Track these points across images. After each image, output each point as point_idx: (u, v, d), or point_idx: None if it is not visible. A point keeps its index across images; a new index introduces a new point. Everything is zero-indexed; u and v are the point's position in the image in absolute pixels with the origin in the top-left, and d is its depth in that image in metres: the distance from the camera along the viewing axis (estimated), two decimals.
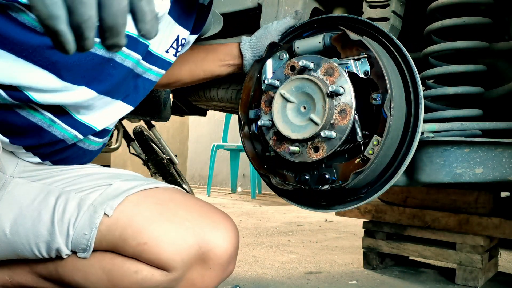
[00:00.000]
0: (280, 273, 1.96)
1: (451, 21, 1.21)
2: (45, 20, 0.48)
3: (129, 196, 0.95)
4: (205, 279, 0.96)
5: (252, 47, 1.17)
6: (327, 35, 1.01)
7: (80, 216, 0.92)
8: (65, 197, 0.94)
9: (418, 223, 1.93)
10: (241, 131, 1.13)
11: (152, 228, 0.92)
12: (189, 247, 0.92)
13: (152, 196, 0.97)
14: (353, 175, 0.94)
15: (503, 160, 1.10)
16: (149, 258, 0.92)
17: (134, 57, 0.98)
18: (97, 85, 0.94)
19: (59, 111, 0.94)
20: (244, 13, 1.45)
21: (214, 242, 0.94)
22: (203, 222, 0.95)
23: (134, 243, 0.91)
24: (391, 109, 0.91)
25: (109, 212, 0.92)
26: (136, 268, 0.93)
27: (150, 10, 0.52)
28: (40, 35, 0.83)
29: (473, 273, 1.79)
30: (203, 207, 1.00)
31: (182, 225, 0.93)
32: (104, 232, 0.92)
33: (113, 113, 1.03)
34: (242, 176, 6.46)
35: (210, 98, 1.70)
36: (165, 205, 0.96)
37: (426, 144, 1.12)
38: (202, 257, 0.94)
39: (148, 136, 4.30)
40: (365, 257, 2.06)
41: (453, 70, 1.22)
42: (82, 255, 0.95)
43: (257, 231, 3.04)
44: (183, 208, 0.97)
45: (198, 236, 0.93)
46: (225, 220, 0.99)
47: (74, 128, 0.97)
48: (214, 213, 1.00)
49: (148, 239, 0.91)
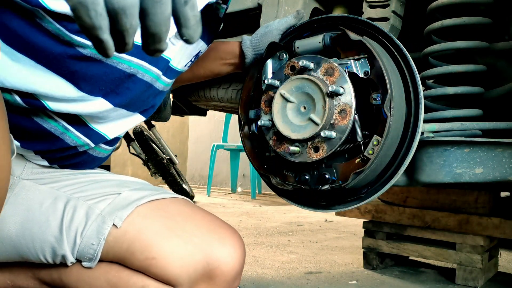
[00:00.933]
0: (280, 273, 1.96)
1: (451, 21, 1.21)
2: (89, 30, 0.48)
3: (138, 207, 0.94)
4: None
5: (253, 46, 1.16)
6: (327, 35, 1.01)
7: (88, 225, 0.91)
8: (73, 204, 0.93)
9: (418, 223, 1.93)
10: (241, 131, 1.13)
11: (161, 243, 0.91)
12: (196, 264, 0.91)
13: (161, 209, 0.96)
14: (353, 175, 0.94)
15: (503, 160, 1.10)
16: (156, 273, 0.91)
17: (155, 73, 0.97)
18: (113, 97, 0.93)
19: (74, 120, 0.94)
20: (244, 13, 1.45)
21: (221, 259, 0.93)
22: (211, 238, 0.95)
23: (142, 257, 0.90)
24: (391, 109, 0.91)
25: (118, 223, 0.91)
26: (143, 283, 0.92)
27: (194, 15, 0.52)
28: (62, 44, 0.82)
29: (473, 273, 1.79)
30: (211, 222, 0.99)
31: (190, 241, 0.92)
32: (111, 244, 0.91)
33: (128, 123, 1.03)
34: (242, 176, 6.46)
35: (210, 98, 1.70)
36: (173, 219, 0.95)
37: (426, 144, 1.12)
38: (209, 274, 0.93)
39: (148, 136, 4.30)
40: (365, 257, 2.06)
41: (453, 70, 1.22)
42: (87, 264, 0.94)
43: (257, 231, 3.04)
44: (191, 223, 0.96)
45: (205, 252, 0.92)
46: (232, 236, 0.98)
47: (86, 137, 0.97)
48: (221, 228, 0.99)
49: (157, 254, 0.90)
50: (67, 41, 0.82)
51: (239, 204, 4.76)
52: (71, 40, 0.82)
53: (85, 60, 0.85)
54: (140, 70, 0.93)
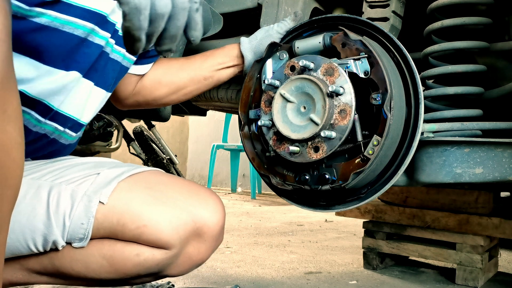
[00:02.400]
0: (280, 273, 1.96)
1: (451, 21, 1.21)
2: (133, 31, 0.58)
3: (120, 182, 0.98)
4: (201, 251, 1.04)
5: (253, 49, 1.17)
6: (327, 35, 1.01)
7: (75, 206, 0.94)
8: (57, 189, 0.95)
9: (418, 223, 1.93)
10: (241, 131, 1.13)
11: (149, 210, 0.96)
12: (184, 225, 0.98)
13: (142, 181, 1.01)
14: (353, 175, 0.94)
15: (503, 160, 1.10)
16: (148, 239, 0.96)
17: (105, 35, 1.01)
18: (75, 66, 0.98)
19: (41, 107, 0.97)
20: (244, 13, 1.44)
21: (206, 217, 1.02)
22: (193, 200, 1.02)
23: (134, 226, 0.95)
24: (391, 109, 0.91)
25: (104, 200, 0.95)
26: (137, 251, 0.97)
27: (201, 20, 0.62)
28: (21, 20, 0.85)
29: (473, 273, 1.79)
30: (190, 187, 1.06)
31: (176, 205, 0.99)
32: (101, 220, 0.95)
33: (94, 101, 1.06)
34: (242, 176, 6.46)
35: (210, 98, 1.70)
36: (156, 188, 1.01)
37: (426, 144, 1.12)
38: (197, 232, 1.01)
39: (148, 136, 4.30)
40: (365, 257, 2.06)
41: (453, 70, 1.22)
42: (79, 244, 0.96)
43: (257, 231, 3.04)
44: (173, 190, 1.03)
45: (191, 213, 1.00)
46: (211, 196, 1.06)
47: (54, 121, 1.00)
48: (201, 191, 1.06)
49: (147, 221, 0.95)
50: (25, 15, 0.86)
51: (239, 204, 4.76)
52: (30, 13, 0.86)
53: (44, 30, 0.89)
54: (91, 34, 0.98)
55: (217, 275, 1.89)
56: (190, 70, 1.23)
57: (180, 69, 1.24)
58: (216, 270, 1.98)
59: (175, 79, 1.23)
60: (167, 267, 1.01)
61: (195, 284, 1.75)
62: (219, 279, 1.84)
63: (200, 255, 1.04)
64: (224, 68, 1.22)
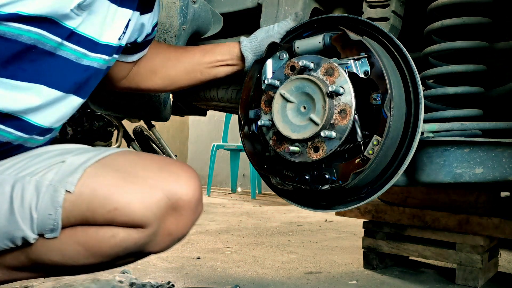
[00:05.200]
0: (280, 273, 1.96)
1: (451, 21, 1.21)
2: None
3: (87, 168, 0.95)
4: (180, 225, 1.02)
5: (253, 49, 1.17)
6: (327, 35, 1.01)
7: (40, 198, 0.92)
8: (20, 183, 0.94)
9: (418, 223, 1.93)
10: (241, 131, 1.13)
11: (118, 193, 0.94)
12: (157, 202, 0.96)
13: (109, 164, 0.99)
14: (353, 175, 0.94)
15: (503, 160, 1.10)
16: (122, 221, 0.94)
17: (56, 41, 0.95)
18: (25, 74, 0.94)
19: (5, 115, 0.94)
20: (244, 13, 1.44)
21: (180, 191, 0.99)
22: (164, 175, 1.00)
23: (104, 211, 0.93)
24: (391, 109, 0.91)
25: (70, 188, 0.93)
26: (112, 233, 0.95)
27: None
28: None
29: (473, 273, 1.79)
30: (160, 162, 1.04)
31: (146, 183, 0.97)
32: (69, 209, 0.93)
33: (62, 108, 1.02)
34: (242, 176, 6.45)
35: (210, 98, 1.69)
36: (124, 169, 0.99)
37: (426, 144, 1.12)
38: (173, 206, 0.98)
39: (148, 136, 4.30)
40: (365, 257, 2.06)
41: (453, 70, 1.22)
42: (50, 235, 0.95)
43: (257, 231, 3.04)
44: (142, 168, 1.00)
45: (163, 189, 0.97)
46: (183, 169, 1.03)
47: (18, 130, 0.97)
48: (171, 165, 1.04)
49: (118, 204, 0.93)
50: None
51: (239, 204, 4.76)
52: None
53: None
54: (41, 40, 0.92)
55: (217, 275, 1.89)
56: (187, 63, 1.22)
57: (178, 61, 1.23)
58: (216, 270, 1.98)
59: (171, 73, 1.23)
60: (146, 245, 1.00)
61: (195, 284, 1.75)
62: (219, 279, 1.84)
63: (180, 230, 1.03)
64: (222, 65, 1.22)
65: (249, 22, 1.47)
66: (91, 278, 1.39)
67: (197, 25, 1.37)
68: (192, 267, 2.00)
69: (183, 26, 1.33)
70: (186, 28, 1.34)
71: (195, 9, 1.34)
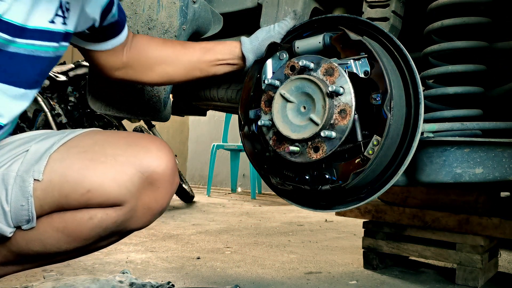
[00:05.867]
0: (280, 273, 1.96)
1: (451, 21, 1.21)
2: None
3: (52, 154, 0.94)
4: (158, 198, 1.01)
5: (254, 50, 1.16)
6: (327, 35, 1.01)
7: (9, 190, 0.91)
8: None
9: (418, 223, 1.93)
10: (241, 131, 1.13)
11: (89, 175, 0.93)
12: (130, 178, 0.95)
13: (75, 146, 0.97)
14: (353, 175, 0.94)
15: (503, 160, 1.10)
16: (97, 203, 0.94)
17: None
18: None
19: None
20: (244, 13, 1.45)
21: (152, 164, 0.98)
22: (133, 151, 0.98)
23: (77, 195, 0.92)
24: (391, 109, 0.91)
25: (38, 176, 0.92)
26: (89, 215, 0.95)
27: None
28: None
29: (473, 273, 1.79)
30: (127, 139, 1.02)
31: (116, 161, 0.95)
32: (41, 197, 0.92)
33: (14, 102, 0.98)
34: (242, 176, 6.45)
35: (210, 98, 1.69)
36: (91, 150, 0.97)
37: (426, 144, 1.12)
38: (148, 181, 0.98)
39: None
40: (365, 257, 2.06)
41: (453, 70, 1.22)
42: (27, 226, 0.94)
43: (257, 231, 3.04)
44: (110, 146, 0.99)
45: (134, 164, 0.96)
46: (153, 142, 1.02)
47: None
48: (140, 140, 1.02)
49: (90, 186, 0.92)
50: None
51: (239, 204, 4.76)
52: None
53: None
54: None
55: (217, 275, 1.89)
56: (187, 62, 1.22)
57: (177, 59, 1.22)
58: (216, 270, 1.98)
59: (169, 70, 1.22)
60: (127, 222, 1.00)
61: (195, 284, 1.75)
62: (219, 279, 1.84)
63: (159, 203, 1.02)
64: (222, 64, 1.22)
65: (249, 22, 1.47)
66: (91, 278, 1.39)
67: (197, 25, 1.38)
68: (192, 267, 2.00)
69: (183, 26, 1.33)
70: (186, 28, 1.34)
71: (195, 9, 1.34)
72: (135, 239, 2.55)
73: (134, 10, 1.24)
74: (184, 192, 4.46)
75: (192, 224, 3.23)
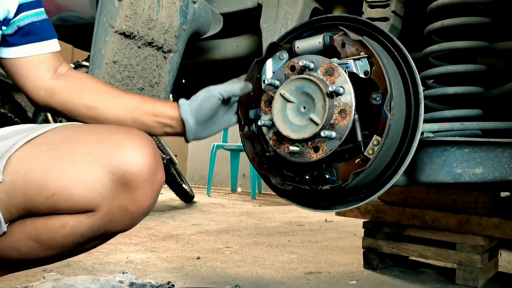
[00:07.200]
0: (280, 273, 1.96)
1: (451, 21, 1.21)
2: None
3: (14, 153, 0.86)
4: (137, 200, 0.91)
5: (193, 112, 1.03)
6: (327, 35, 1.01)
7: None
8: None
9: (418, 223, 1.93)
10: (241, 131, 1.13)
11: (53, 176, 0.85)
12: (100, 180, 0.86)
13: (41, 144, 0.89)
14: (353, 175, 0.94)
15: (503, 160, 1.10)
16: (66, 208, 0.86)
17: None
18: None
19: None
20: (244, 13, 1.45)
21: (125, 163, 0.88)
22: (104, 148, 0.88)
23: (42, 198, 0.85)
24: (391, 109, 0.91)
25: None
26: (60, 222, 0.88)
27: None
28: None
29: (473, 273, 1.79)
30: (99, 134, 0.92)
31: (84, 161, 0.86)
32: (5, 200, 0.85)
33: None
34: (242, 176, 6.45)
35: None
36: (58, 148, 0.88)
37: (426, 144, 1.12)
38: (122, 181, 0.88)
39: None
40: (365, 257, 2.06)
41: (453, 70, 1.22)
42: None
43: (257, 231, 3.04)
44: (79, 144, 0.89)
45: (105, 164, 0.87)
46: (127, 137, 0.91)
47: None
48: (113, 135, 0.91)
49: (54, 189, 0.85)
50: None
51: (239, 204, 4.76)
52: None
53: None
54: None
55: (217, 275, 1.89)
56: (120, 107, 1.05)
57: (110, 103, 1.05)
58: (216, 270, 1.98)
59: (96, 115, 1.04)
60: (105, 227, 0.91)
61: (195, 284, 1.75)
62: (219, 279, 1.84)
63: (139, 204, 0.91)
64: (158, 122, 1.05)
65: (249, 22, 1.48)
66: (91, 278, 1.39)
67: (197, 25, 1.37)
68: (192, 267, 2.00)
69: (183, 26, 1.33)
70: (186, 28, 1.34)
71: (195, 9, 1.34)
72: (135, 239, 2.55)
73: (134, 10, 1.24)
74: (184, 192, 4.46)
75: (192, 224, 3.23)
